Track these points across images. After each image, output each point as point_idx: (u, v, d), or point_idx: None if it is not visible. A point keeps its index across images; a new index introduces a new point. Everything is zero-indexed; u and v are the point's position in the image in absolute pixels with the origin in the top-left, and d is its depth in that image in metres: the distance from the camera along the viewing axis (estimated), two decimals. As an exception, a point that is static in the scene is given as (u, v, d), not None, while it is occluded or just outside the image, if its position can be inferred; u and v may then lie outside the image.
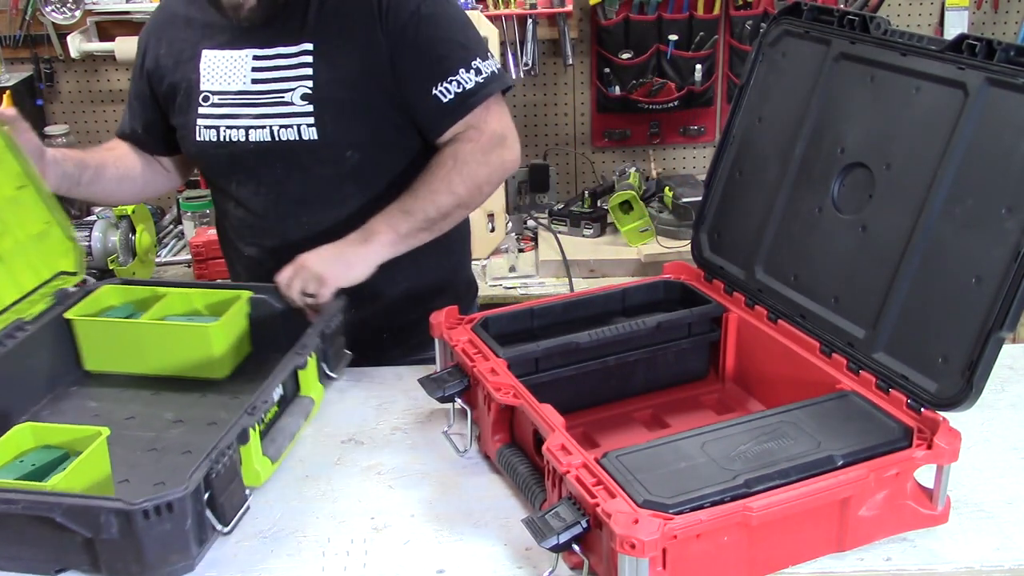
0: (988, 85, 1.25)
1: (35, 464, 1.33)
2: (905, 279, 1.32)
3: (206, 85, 1.83)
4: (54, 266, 1.73)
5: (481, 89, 1.77)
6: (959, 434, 1.22)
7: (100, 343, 1.69)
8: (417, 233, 1.74)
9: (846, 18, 1.47)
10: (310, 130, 1.76)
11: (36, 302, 1.67)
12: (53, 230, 1.72)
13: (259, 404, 1.35)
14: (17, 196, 1.65)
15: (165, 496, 1.15)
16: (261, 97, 1.79)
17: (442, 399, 1.48)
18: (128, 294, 1.78)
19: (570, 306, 1.64)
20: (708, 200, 1.68)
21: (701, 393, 1.64)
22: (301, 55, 1.77)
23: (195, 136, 1.84)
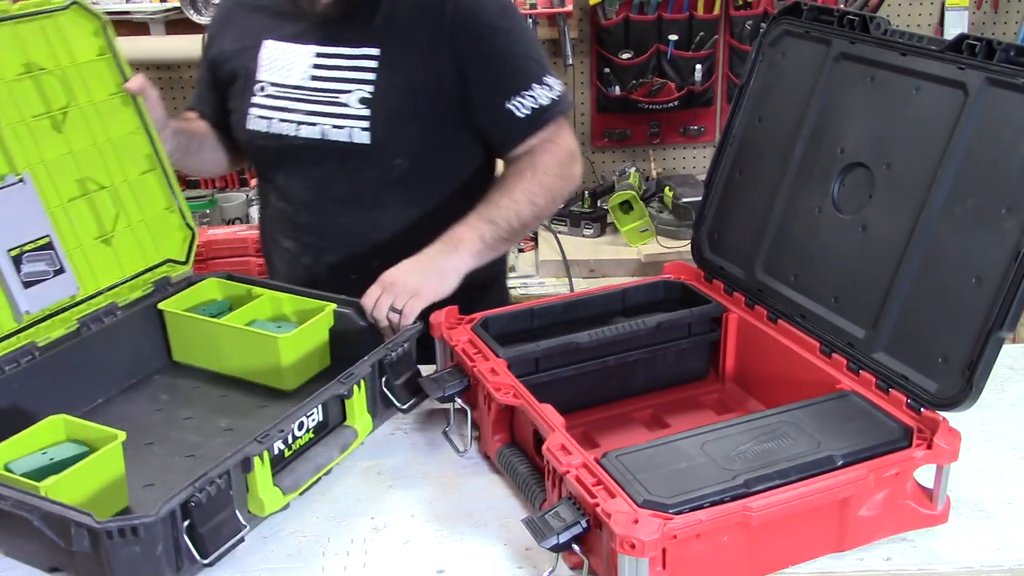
0: (988, 85, 1.25)
1: (53, 459, 1.33)
2: (905, 279, 1.32)
3: (263, 75, 1.83)
4: (163, 252, 1.72)
5: (555, 106, 1.77)
6: (959, 434, 1.22)
7: (185, 336, 1.70)
8: (500, 243, 1.73)
9: (846, 18, 1.47)
10: (363, 134, 1.74)
11: (136, 287, 1.67)
12: (171, 217, 1.73)
13: (273, 433, 1.30)
14: (142, 180, 1.68)
15: (132, 520, 1.13)
16: (317, 95, 1.78)
17: (442, 399, 1.48)
18: (228, 290, 1.77)
19: (570, 306, 1.64)
20: (708, 200, 1.68)
21: (701, 393, 1.64)
22: (365, 59, 1.75)
23: (246, 123, 1.85)
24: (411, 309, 1.59)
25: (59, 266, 1.54)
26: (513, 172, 1.77)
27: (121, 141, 1.65)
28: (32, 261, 1.50)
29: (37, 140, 1.53)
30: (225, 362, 1.67)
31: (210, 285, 1.77)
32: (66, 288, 1.55)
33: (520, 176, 1.75)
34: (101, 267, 1.62)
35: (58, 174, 1.56)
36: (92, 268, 1.61)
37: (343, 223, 1.83)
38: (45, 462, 1.32)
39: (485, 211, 1.72)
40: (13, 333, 1.49)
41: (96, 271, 1.61)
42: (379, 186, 1.79)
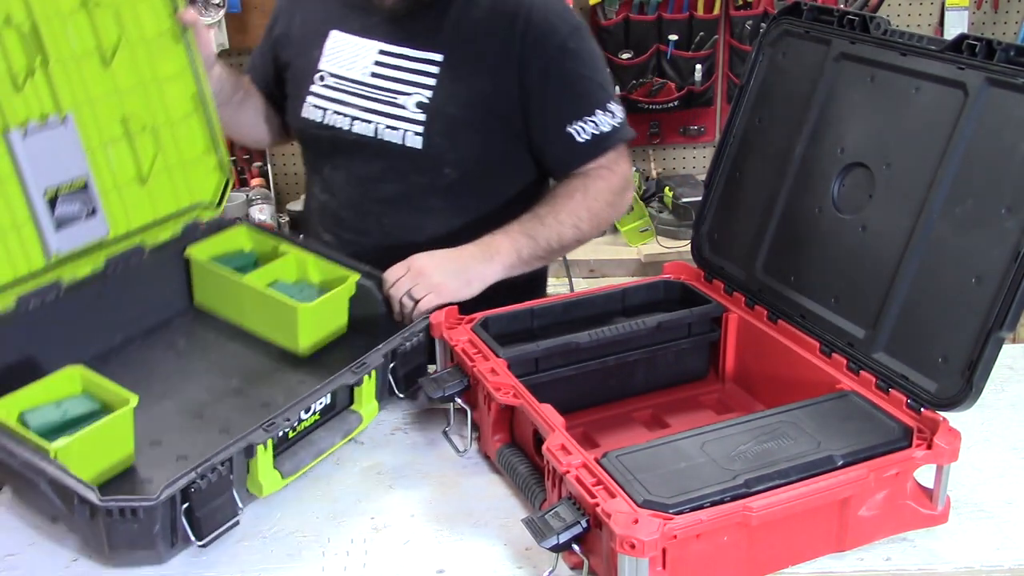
0: (988, 85, 1.25)
1: (67, 414, 1.35)
2: (905, 279, 1.32)
3: (325, 65, 1.82)
4: (196, 195, 1.72)
5: (615, 134, 1.75)
6: (959, 434, 1.22)
7: (208, 286, 1.71)
8: (536, 260, 1.72)
9: (846, 18, 1.47)
10: (416, 139, 1.73)
11: (166, 229, 1.67)
12: (208, 158, 1.72)
13: (279, 421, 1.32)
14: (184, 120, 1.67)
15: (132, 502, 1.17)
16: (375, 92, 1.77)
17: (442, 399, 1.48)
18: (256, 241, 1.77)
19: (570, 306, 1.64)
20: (708, 200, 1.67)
21: (701, 393, 1.64)
22: (428, 63, 1.73)
23: (301, 110, 1.84)
24: (427, 303, 1.60)
25: (92, 207, 1.54)
26: (564, 191, 1.75)
27: (167, 80, 1.64)
28: (67, 202, 1.50)
29: (85, 77, 1.52)
30: (244, 318, 1.68)
31: (239, 233, 1.76)
32: (97, 229, 1.55)
33: (570, 197, 1.73)
34: (134, 207, 1.62)
35: (102, 112, 1.55)
36: (125, 208, 1.60)
37: (384, 224, 1.82)
38: (59, 417, 1.34)
39: (529, 225, 1.71)
40: (41, 271, 1.49)
41: (128, 211, 1.61)
42: (426, 192, 1.77)
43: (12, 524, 1.33)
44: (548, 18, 1.71)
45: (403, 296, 1.61)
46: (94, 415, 1.35)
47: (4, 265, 1.44)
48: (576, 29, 1.74)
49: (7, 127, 1.42)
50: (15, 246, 1.45)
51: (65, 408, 1.36)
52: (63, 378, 1.38)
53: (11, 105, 1.43)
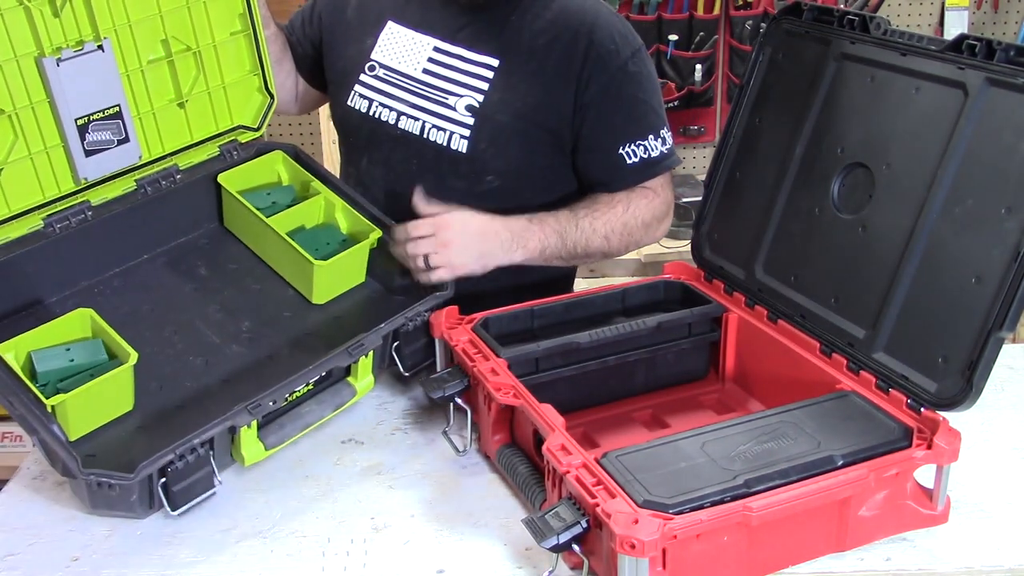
0: (988, 85, 1.25)
1: (73, 360, 1.38)
2: (905, 279, 1.32)
3: (378, 55, 1.79)
4: (236, 118, 1.70)
5: (664, 159, 1.74)
6: (959, 434, 1.22)
7: (235, 216, 1.70)
8: (557, 259, 1.71)
9: (846, 18, 1.47)
10: (462, 142, 1.71)
11: (202, 151, 1.65)
12: (252, 80, 1.69)
13: (264, 403, 1.34)
14: (231, 41, 1.64)
15: (111, 477, 1.24)
16: (426, 89, 1.74)
17: (442, 399, 1.48)
18: (291, 172, 1.74)
19: (570, 306, 1.64)
20: (708, 200, 1.67)
21: (701, 393, 1.64)
22: (483, 67, 1.71)
23: (347, 99, 1.81)
24: (438, 276, 1.59)
25: (124, 135, 1.53)
26: (607, 200, 1.73)
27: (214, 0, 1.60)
28: (98, 130, 1.49)
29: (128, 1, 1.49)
30: (266, 255, 1.68)
31: (275, 159, 1.73)
32: (128, 156, 1.55)
33: (611, 208, 1.72)
34: (169, 131, 1.61)
35: (141, 35, 1.52)
36: (160, 132, 1.59)
37: None
38: (65, 363, 1.37)
39: (563, 222, 1.69)
40: (70, 194, 1.50)
41: (163, 135, 1.60)
42: (464, 196, 1.71)
43: (12, 524, 1.34)
44: (613, 37, 1.70)
45: (419, 256, 1.60)
46: (99, 365, 1.38)
47: (33, 188, 1.46)
48: (637, 51, 1.73)
49: (42, 53, 1.40)
50: (45, 170, 1.46)
51: (73, 353, 1.38)
52: (73, 320, 1.40)
53: (48, 31, 1.40)
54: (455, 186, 1.73)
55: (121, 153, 1.53)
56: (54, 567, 1.26)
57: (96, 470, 1.24)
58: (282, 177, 1.76)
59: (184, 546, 1.29)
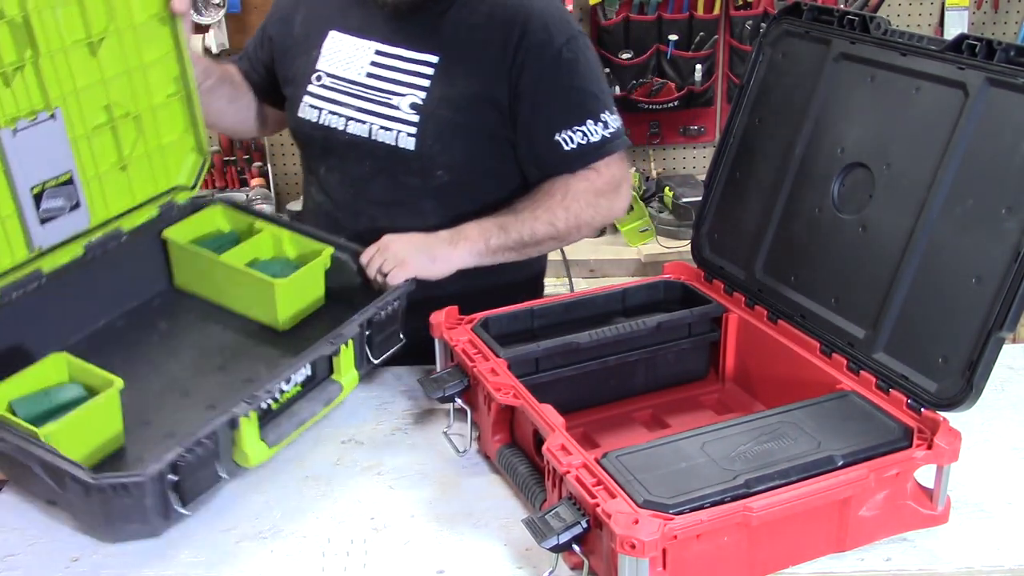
0: (988, 85, 1.25)
1: (55, 402, 1.37)
2: (905, 279, 1.32)
3: (323, 65, 1.82)
4: (173, 179, 1.71)
5: (605, 144, 1.74)
6: (959, 434, 1.22)
7: (186, 266, 1.72)
8: (505, 251, 1.72)
9: (846, 18, 1.47)
10: (408, 140, 1.73)
11: (143, 212, 1.67)
12: (186, 139, 1.71)
13: (261, 394, 1.35)
14: (166, 103, 1.66)
15: (123, 478, 1.21)
16: (371, 92, 1.77)
17: (442, 399, 1.48)
18: (232, 220, 1.77)
19: (570, 306, 1.64)
20: (708, 200, 1.67)
21: (701, 393, 1.64)
22: (423, 64, 1.74)
23: (298, 111, 1.84)
24: (394, 277, 1.63)
25: (76, 201, 1.54)
26: (546, 189, 1.75)
27: (152, 65, 1.62)
28: (51, 197, 1.50)
29: (73, 68, 1.50)
30: (223, 297, 1.70)
31: (214, 213, 1.76)
32: (79, 221, 1.55)
33: (550, 195, 1.74)
34: (114, 194, 1.62)
35: (87, 103, 1.54)
36: (105, 196, 1.60)
37: (378, 225, 1.80)
38: (47, 404, 1.36)
39: (504, 218, 1.72)
40: (23, 263, 1.49)
41: (108, 198, 1.61)
42: (417, 193, 1.78)
43: (12, 524, 1.33)
44: (546, 26, 1.71)
45: (376, 273, 1.65)
46: (82, 400, 1.37)
47: None
48: (573, 38, 1.74)
49: None
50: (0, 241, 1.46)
51: (52, 396, 1.37)
52: (48, 366, 1.39)
53: (2, 102, 1.41)
54: (408, 183, 1.78)
55: (73, 218, 1.54)
56: (54, 567, 1.26)
57: (108, 474, 1.22)
58: (223, 226, 1.78)
59: (184, 547, 1.29)
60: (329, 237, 1.72)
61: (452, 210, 1.78)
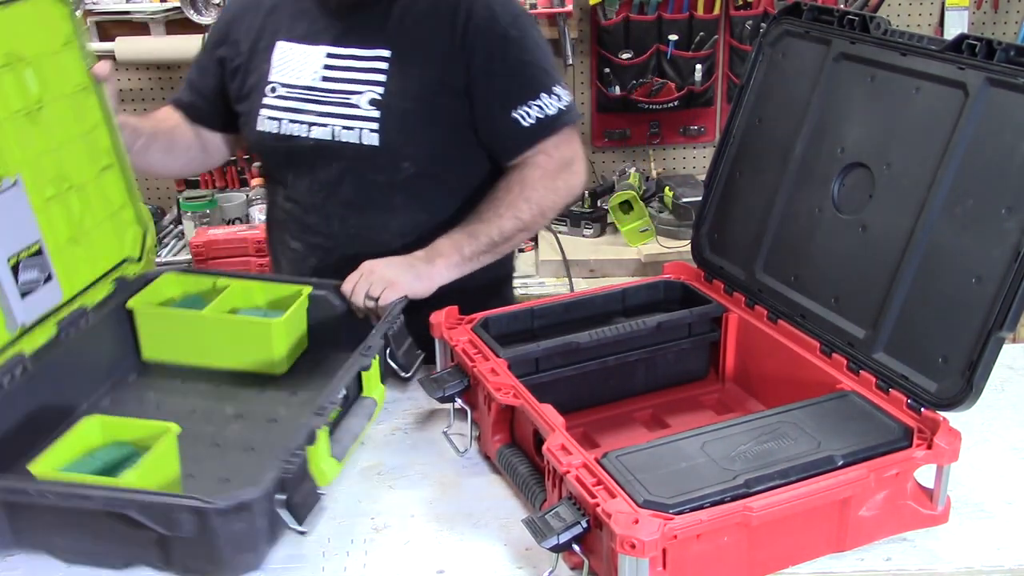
0: (988, 85, 1.25)
1: (105, 461, 1.32)
2: (905, 279, 1.32)
3: (275, 76, 1.83)
4: (122, 251, 1.70)
5: (562, 116, 1.78)
6: (959, 434, 1.22)
7: (160, 333, 1.67)
8: (480, 256, 1.74)
9: (846, 18, 1.47)
10: (372, 136, 1.75)
11: (100, 289, 1.63)
12: (126, 212, 1.69)
13: (327, 405, 1.34)
14: (103, 176, 1.63)
15: (241, 496, 1.15)
16: (328, 95, 1.78)
17: (442, 399, 1.48)
18: (188, 284, 1.75)
19: (570, 306, 1.64)
20: (708, 200, 1.68)
21: (701, 393, 1.64)
22: (376, 60, 1.76)
23: (256, 125, 1.84)
24: (386, 298, 1.63)
25: (48, 272, 1.50)
26: (503, 186, 1.78)
27: (86, 134, 1.60)
28: (28, 268, 1.46)
29: (20, 138, 1.47)
30: (208, 355, 1.65)
31: (167, 281, 1.73)
32: (53, 295, 1.51)
33: (508, 190, 1.77)
34: (73, 270, 1.57)
35: (39, 172, 1.50)
36: (66, 271, 1.55)
37: (350, 225, 1.84)
38: (98, 464, 1.31)
39: (470, 226, 1.75)
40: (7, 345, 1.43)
41: (69, 274, 1.56)
42: (387, 189, 1.80)
43: (12, 524, 1.33)
44: (490, 6, 1.75)
45: (364, 299, 1.65)
46: (129, 456, 1.32)
47: None
48: (517, 17, 1.77)
49: None
50: None
51: (98, 457, 1.32)
52: (83, 430, 1.34)
53: None
54: (376, 181, 1.79)
55: (48, 292, 1.50)
56: (54, 567, 1.25)
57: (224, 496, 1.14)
58: (180, 292, 1.75)
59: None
60: (300, 279, 1.73)
61: (422, 202, 1.81)
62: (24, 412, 1.43)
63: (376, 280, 1.65)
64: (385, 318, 1.57)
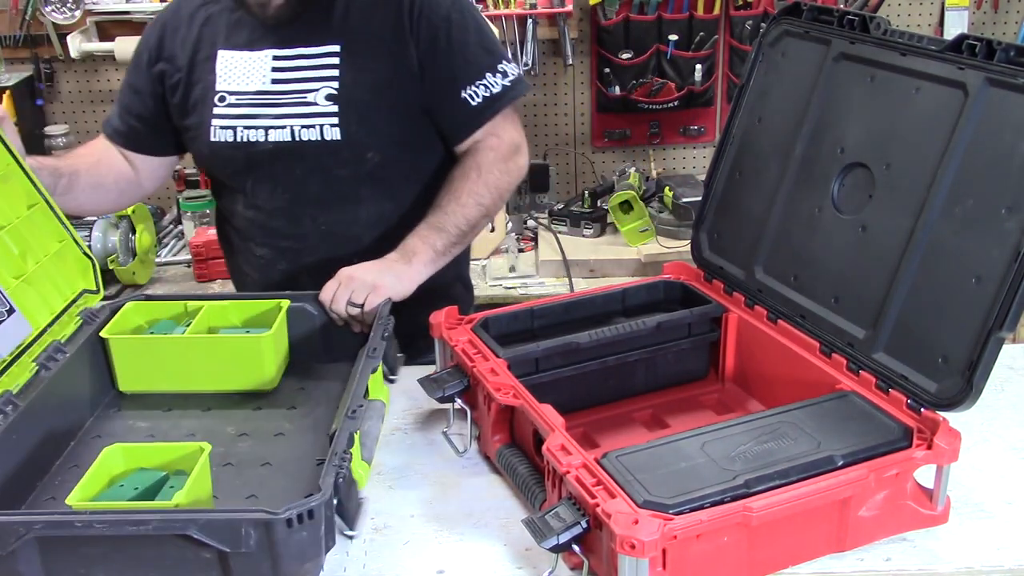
0: (988, 85, 1.25)
1: (138, 487, 1.28)
2: (905, 279, 1.32)
3: (222, 85, 1.82)
4: (75, 285, 1.68)
5: (508, 93, 1.82)
6: (959, 434, 1.22)
7: (139, 362, 1.61)
8: (451, 248, 1.77)
9: (846, 18, 1.47)
10: (333, 130, 1.76)
11: (66, 323, 1.61)
12: (69, 247, 1.67)
13: (357, 409, 1.34)
14: (31, 215, 1.61)
15: (307, 504, 1.13)
16: (282, 97, 1.79)
17: (442, 399, 1.48)
18: (156, 310, 1.70)
19: (570, 306, 1.64)
20: (708, 200, 1.68)
21: (701, 393, 1.64)
22: (327, 56, 1.77)
23: (209, 136, 1.83)
24: (371, 303, 1.63)
25: (8, 306, 1.49)
26: (459, 174, 1.80)
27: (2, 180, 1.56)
28: None
29: None
30: (193, 379, 1.61)
31: (133, 310, 1.68)
32: (21, 328, 1.50)
33: (465, 178, 1.79)
34: (33, 308, 1.55)
35: None
36: (26, 309, 1.53)
37: (319, 223, 1.84)
38: (132, 492, 1.28)
39: (435, 219, 1.76)
40: None
41: (31, 311, 1.54)
42: (352, 182, 1.81)
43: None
44: None
45: (346, 306, 1.64)
46: (159, 481, 1.30)
47: None
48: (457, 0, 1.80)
49: None
50: None
51: (131, 484, 1.29)
52: (107, 460, 1.30)
53: None
54: (341, 175, 1.81)
55: (14, 326, 1.48)
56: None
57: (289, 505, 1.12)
58: (152, 318, 1.70)
59: (184, 546, 1.29)
60: (276, 293, 1.72)
61: (387, 191, 1.83)
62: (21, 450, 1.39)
63: (358, 286, 1.65)
64: (378, 320, 1.58)
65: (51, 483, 1.40)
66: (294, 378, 1.66)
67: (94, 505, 1.23)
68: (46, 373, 1.49)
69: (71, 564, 1.15)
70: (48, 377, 1.49)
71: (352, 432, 1.30)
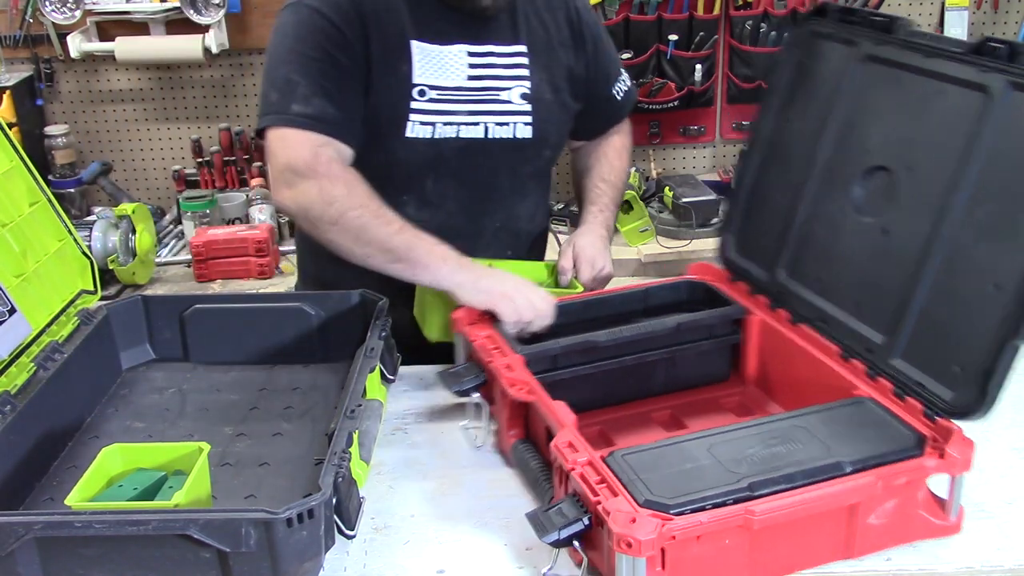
0: (1010, 88, 1.22)
1: (137, 488, 1.27)
2: (924, 284, 1.30)
3: (421, 78, 1.71)
4: (73, 285, 1.67)
5: (634, 88, 2.02)
6: (972, 443, 1.20)
7: None
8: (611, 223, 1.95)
9: (870, 19, 1.45)
10: (526, 129, 1.79)
11: (64, 324, 1.60)
12: (69, 247, 1.68)
13: (355, 408, 1.33)
14: (33, 213, 1.61)
15: (307, 503, 1.12)
16: (479, 93, 1.75)
17: (459, 393, 1.48)
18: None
19: (590, 304, 1.63)
20: (735, 201, 1.66)
21: (722, 395, 1.62)
22: (517, 55, 1.79)
23: (405, 131, 1.71)
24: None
25: (10, 305, 1.49)
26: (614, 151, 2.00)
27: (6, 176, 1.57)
28: None
29: None
30: None
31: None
32: (21, 328, 1.50)
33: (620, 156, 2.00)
34: (31, 307, 1.55)
35: None
36: (26, 308, 1.52)
37: (495, 220, 1.82)
38: (131, 492, 1.27)
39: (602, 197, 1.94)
40: None
41: (30, 311, 1.53)
42: (523, 178, 1.86)
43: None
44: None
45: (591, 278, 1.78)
46: (157, 480, 1.29)
47: None
48: None
49: None
50: None
51: (131, 484, 1.28)
52: (105, 461, 1.29)
53: None
54: (523, 171, 1.85)
55: (14, 326, 1.48)
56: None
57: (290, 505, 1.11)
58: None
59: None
60: None
61: (544, 185, 1.94)
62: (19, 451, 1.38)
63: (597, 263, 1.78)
64: (375, 321, 1.58)
65: (49, 483, 1.39)
66: (292, 378, 1.65)
67: (93, 505, 1.21)
68: (44, 373, 1.49)
69: (70, 565, 1.13)
70: (46, 377, 1.48)
71: (351, 431, 1.30)
